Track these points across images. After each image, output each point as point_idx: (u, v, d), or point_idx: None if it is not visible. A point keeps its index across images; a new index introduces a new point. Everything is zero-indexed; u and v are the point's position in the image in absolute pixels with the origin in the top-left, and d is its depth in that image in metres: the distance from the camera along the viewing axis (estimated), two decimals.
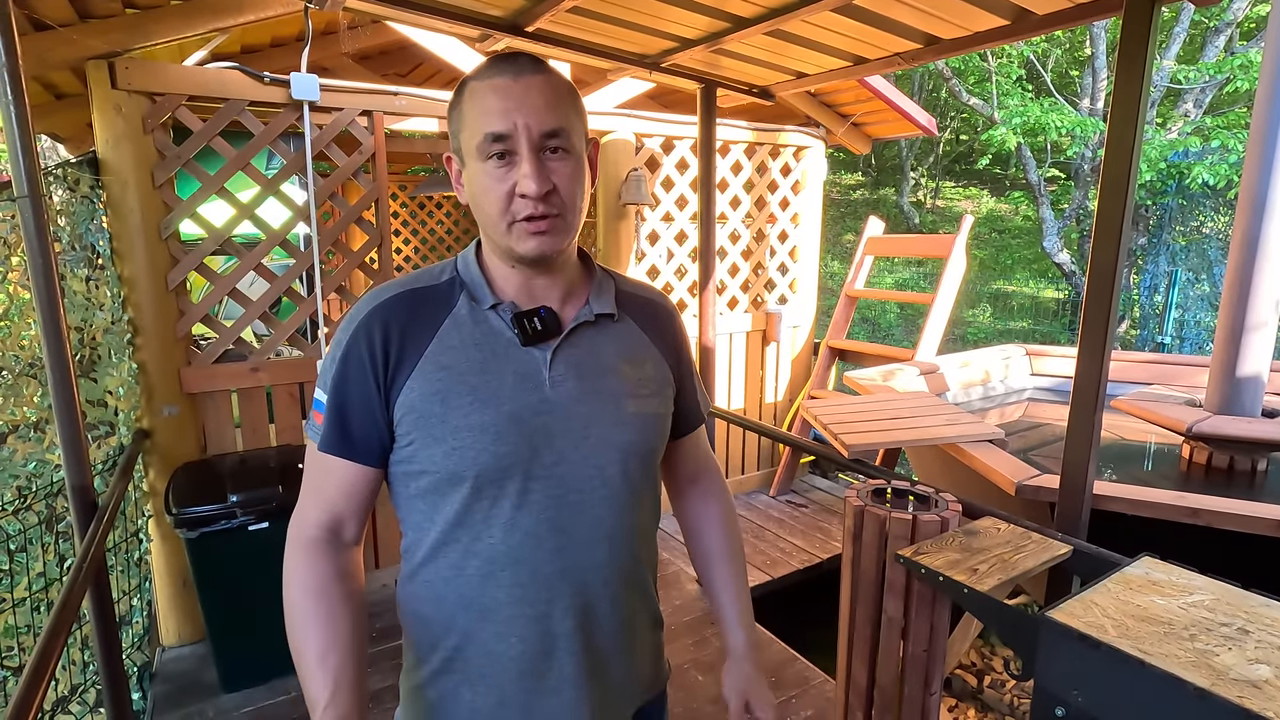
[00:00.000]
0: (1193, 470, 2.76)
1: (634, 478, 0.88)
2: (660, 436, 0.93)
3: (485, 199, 0.80)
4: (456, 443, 0.80)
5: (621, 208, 3.58)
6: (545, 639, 0.84)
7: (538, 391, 0.83)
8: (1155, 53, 1.59)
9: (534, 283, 0.86)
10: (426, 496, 0.84)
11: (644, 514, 0.92)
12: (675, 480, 1.08)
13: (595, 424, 0.85)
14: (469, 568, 0.83)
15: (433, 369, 0.81)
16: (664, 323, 0.97)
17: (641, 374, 0.90)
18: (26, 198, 1.47)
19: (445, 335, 0.83)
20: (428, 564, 0.86)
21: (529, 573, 0.83)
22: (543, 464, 0.82)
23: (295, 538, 0.86)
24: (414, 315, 0.83)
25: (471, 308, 0.85)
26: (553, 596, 0.84)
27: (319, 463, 0.85)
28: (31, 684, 1.06)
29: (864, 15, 2.09)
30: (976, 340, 10.52)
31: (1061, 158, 10.91)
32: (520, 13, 2.19)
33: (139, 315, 2.46)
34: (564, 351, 0.85)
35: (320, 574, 0.84)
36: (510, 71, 0.79)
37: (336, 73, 3.79)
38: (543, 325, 0.84)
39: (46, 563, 1.83)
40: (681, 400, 0.98)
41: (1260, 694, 1.00)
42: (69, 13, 2.17)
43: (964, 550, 1.55)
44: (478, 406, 0.81)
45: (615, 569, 0.87)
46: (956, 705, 2.77)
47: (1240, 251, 2.51)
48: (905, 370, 3.70)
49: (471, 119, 0.79)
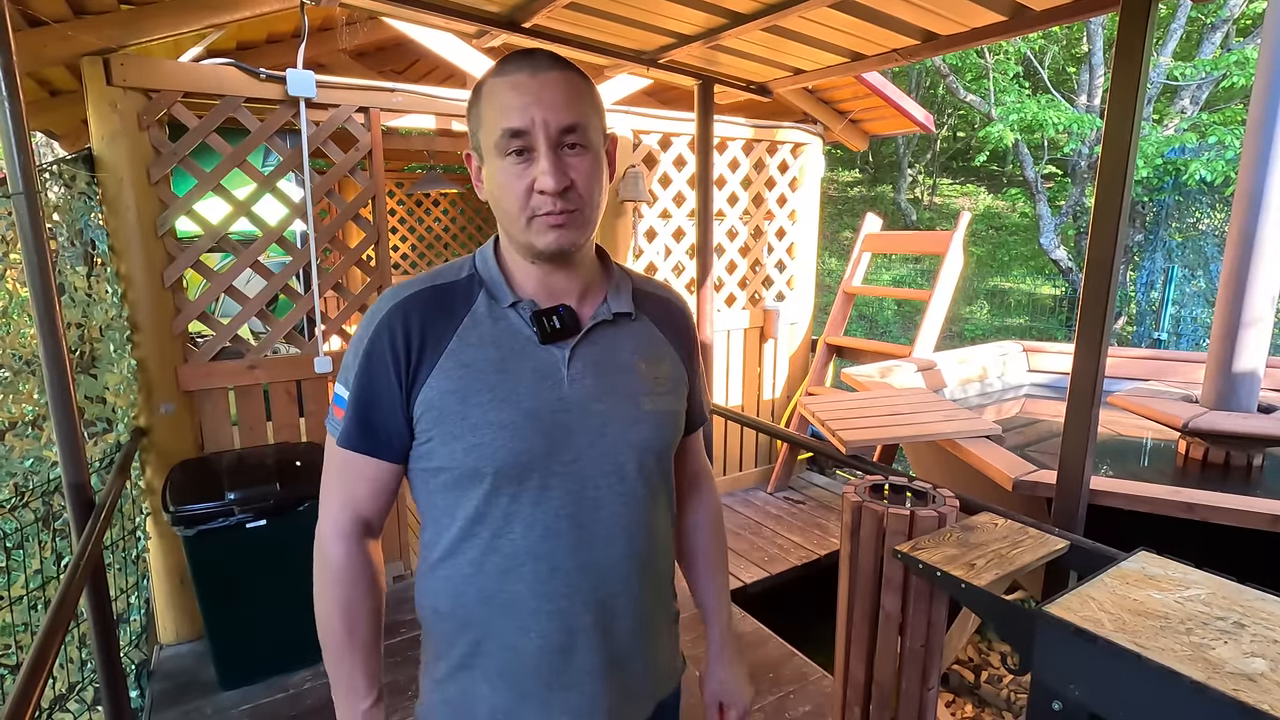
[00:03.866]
0: (1189, 465, 2.77)
1: (650, 474, 0.89)
2: (676, 433, 0.94)
3: (504, 195, 0.80)
4: (475, 439, 0.81)
5: (619, 204, 3.58)
6: (565, 634, 0.85)
7: (556, 389, 0.83)
8: (1152, 49, 1.60)
9: (552, 279, 0.86)
10: (446, 493, 0.85)
11: (661, 510, 0.93)
12: (675, 480, 1.08)
13: (613, 421, 0.86)
14: (489, 563, 0.84)
15: (453, 366, 0.82)
16: (679, 321, 0.99)
17: (658, 372, 0.91)
18: (21, 194, 1.46)
19: (465, 333, 0.84)
20: (447, 560, 0.86)
21: (548, 568, 0.84)
22: (561, 461, 0.83)
23: (330, 532, 0.87)
24: (435, 312, 0.84)
25: (490, 305, 0.85)
26: (572, 591, 0.85)
27: (341, 458, 0.86)
28: (29, 682, 1.06)
29: (862, 11, 2.09)
30: (974, 337, 10.54)
31: (1058, 154, 10.92)
32: (517, 8, 2.19)
33: (135, 312, 2.45)
34: (582, 349, 0.86)
35: (358, 565, 0.87)
36: (528, 68, 0.79)
37: (333, 69, 3.77)
38: (561, 323, 0.85)
39: (44, 560, 1.82)
40: (691, 399, 0.99)
41: (1256, 687, 1.00)
42: (64, 9, 2.15)
43: (961, 545, 1.56)
44: (496, 404, 0.81)
45: (633, 564, 0.88)
46: (954, 700, 2.78)
47: (1236, 247, 2.52)
48: (903, 367, 3.71)
49: (490, 116, 0.80)
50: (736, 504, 4.11)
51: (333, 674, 0.88)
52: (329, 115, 2.69)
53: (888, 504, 1.68)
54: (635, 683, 0.92)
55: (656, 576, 0.93)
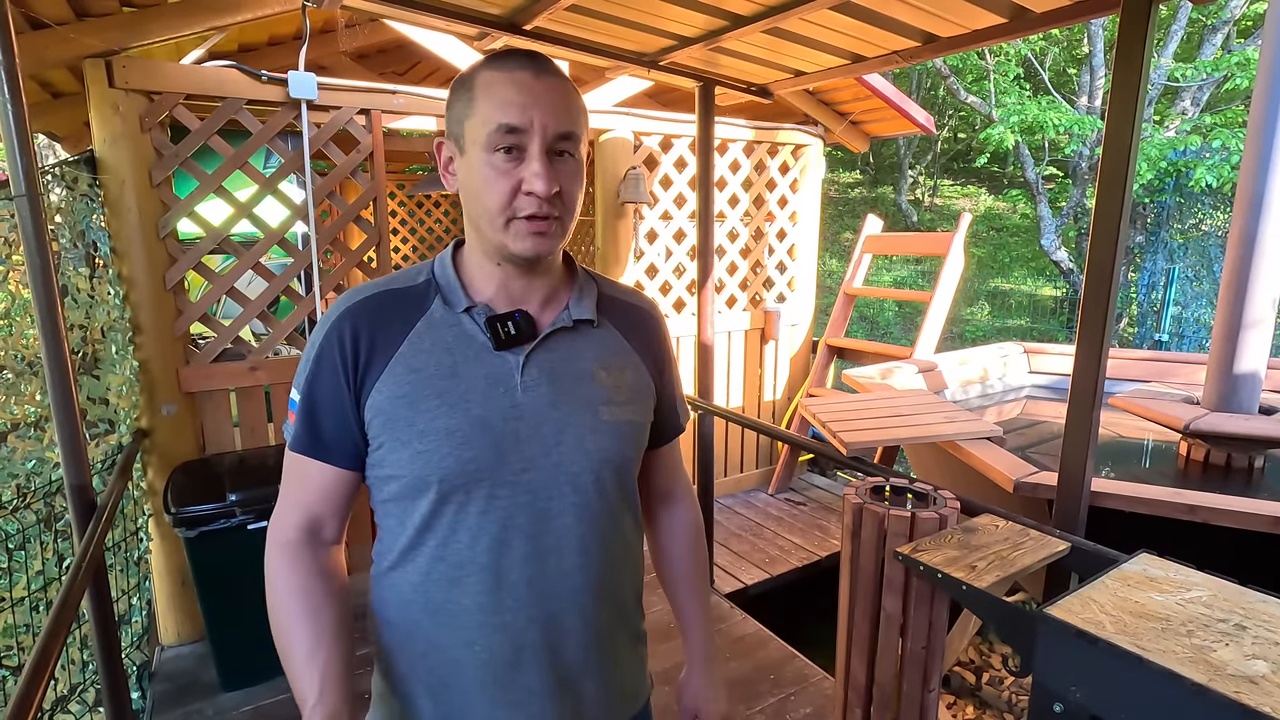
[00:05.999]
0: (1190, 467, 2.76)
1: (608, 487, 0.86)
2: (637, 446, 0.91)
3: (486, 191, 0.78)
4: (422, 446, 0.79)
5: (620, 206, 3.58)
6: (511, 649, 0.83)
7: (508, 396, 0.81)
8: (1153, 50, 1.60)
9: (513, 285, 0.85)
10: (397, 501, 0.83)
11: (622, 525, 0.90)
12: (646, 491, 1.05)
13: (568, 430, 0.83)
14: (435, 573, 0.82)
15: (402, 371, 0.80)
16: (647, 330, 0.95)
17: (619, 381, 0.88)
18: (24, 196, 1.46)
19: (417, 338, 0.82)
20: (395, 569, 0.85)
21: (494, 580, 0.81)
22: (511, 470, 0.81)
23: (274, 539, 0.85)
24: (387, 317, 0.82)
25: (445, 311, 0.84)
26: (518, 605, 0.82)
27: (292, 463, 0.85)
28: (31, 683, 1.06)
29: (862, 13, 2.09)
30: (975, 338, 10.53)
31: (1059, 156, 10.92)
32: (519, 10, 2.19)
33: (138, 314, 2.45)
34: (538, 356, 0.84)
35: (301, 573, 0.83)
36: (532, 68, 0.78)
37: (334, 71, 3.78)
38: (516, 330, 0.82)
39: (45, 561, 1.82)
40: (660, 411, 0.96)
41: (1257, 689, 1.00)
42: (66, 11, 2.16)
43: (962, 547, 1.56)
44: (445, 410, 0.79)
45: (587, 580, 0.85)
46: (955, 702, 2.77)
47: (1238, 248, 2.52)
48: (903, 368, 3.71)
49: (484, 107, 0.77)
50: (737, 505, 4.10)
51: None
52: (330, 117, 2.70)
53: (889, 506, 1.68)
54: (588, 704, 0.89)
55: (614, 594, 0.90)
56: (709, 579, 1.09)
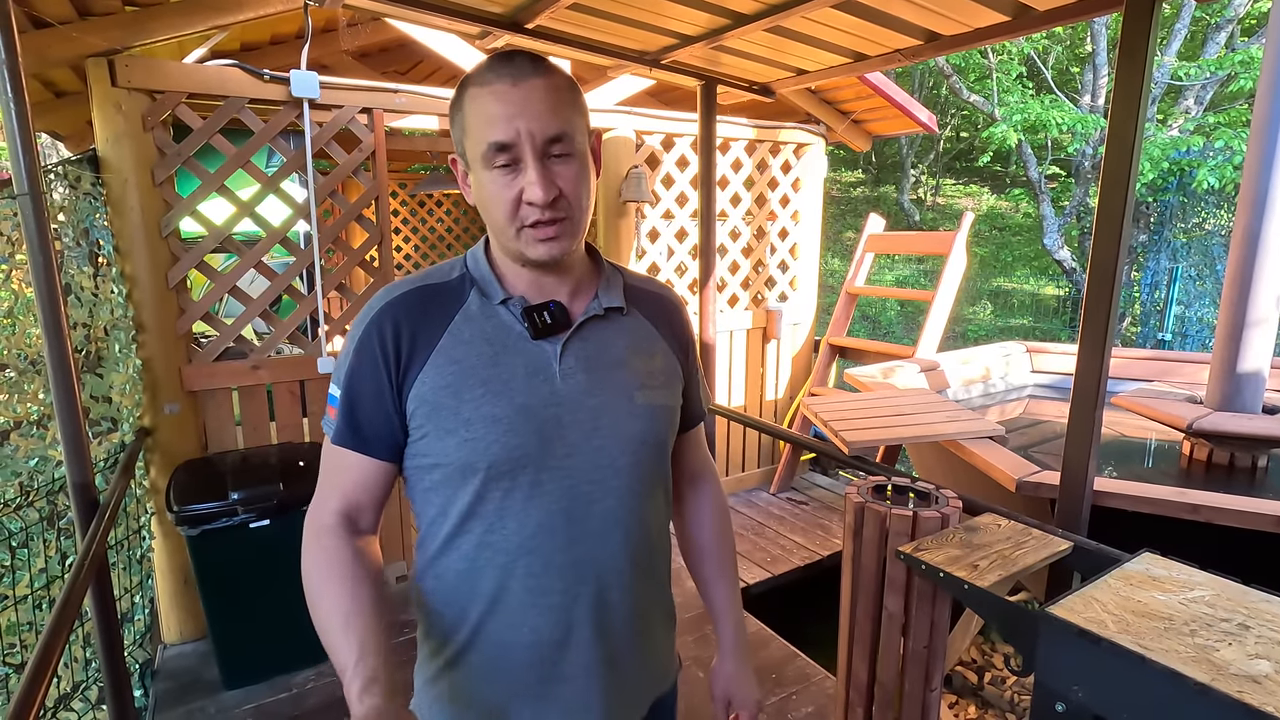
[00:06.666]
0: (1193, 466, 2.76)
1: (645, 469, 0.89)
2: (670, 428, 0.94)
3: (493, 205, 0.80)
4: (469, 434, 0.81)
5: (622, 205, 3.58)
6: (559, 629, 0.85)
7: (548, 384, 0.84)
8: (1156, 49, 1.59)
9: (543, 279, 0.87)
10: (440, 489, 0.85)
11: (657, 506, 0.93)
12: (676, 474, 1.07)
13: (605, 415, 0.86)
14: (482, 559, 0.84)
15: (445, 362, 0.83)
16: (672, 316, 0.98)
17: (651, 366, 0.91)
18: (27, 195, 1.47)
19: (456, 329, 0.84)
20: (441, 556, 0.87)
21: (542, 563, 0.84)
22: (554, 455, 0.83)
23: (312, 525, 0.87)
24: (426, 311, 0.85)
25: (482, 303, 0.86)
26: (566, 586, 0.85)
27: (333, 455, 0.87)
28: (34, 681, 1.06)
29: (864, 11, 2.09)
30: (977, 337, 10.52)
31: (1062, 155, 10.89)
32: (520, 9, 2.19)
33: (140, 312, 2.46)
34: (573, 345, 0.87)
35: (339, 552, 0.83)
36: (509, 76, 0.78)
37: (336, 70, 3.78)
38: (552, 319, 0.85)
39: (48, 559, 1.83)
40: (687, 395, 0.99)
41: (1260, 689, 1.00)
42: (69, 10, 2.16)
43: (964, 546, 1.56)
44: (489, 398, 0.82)
45: (628, 560, 0.88)
46: (957, 701, 2.77)
47: (1241, 248, 2.51)
48: (906, 367, 3.70)
49: (474, 127, 0.79)
50: (739, 504, 4.10)
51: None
52: (332, 116, 2.70)
53: (890, 505, 1.68)
54: (630, 680, 0.92)
55: (652, 572, 0.94)
56: (736, 565, 1.10)
